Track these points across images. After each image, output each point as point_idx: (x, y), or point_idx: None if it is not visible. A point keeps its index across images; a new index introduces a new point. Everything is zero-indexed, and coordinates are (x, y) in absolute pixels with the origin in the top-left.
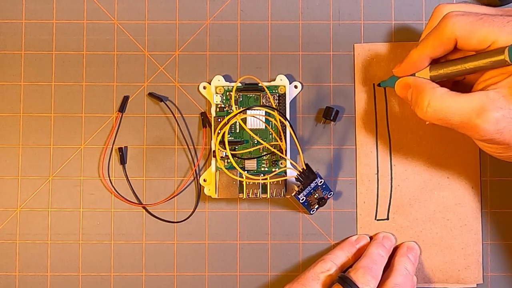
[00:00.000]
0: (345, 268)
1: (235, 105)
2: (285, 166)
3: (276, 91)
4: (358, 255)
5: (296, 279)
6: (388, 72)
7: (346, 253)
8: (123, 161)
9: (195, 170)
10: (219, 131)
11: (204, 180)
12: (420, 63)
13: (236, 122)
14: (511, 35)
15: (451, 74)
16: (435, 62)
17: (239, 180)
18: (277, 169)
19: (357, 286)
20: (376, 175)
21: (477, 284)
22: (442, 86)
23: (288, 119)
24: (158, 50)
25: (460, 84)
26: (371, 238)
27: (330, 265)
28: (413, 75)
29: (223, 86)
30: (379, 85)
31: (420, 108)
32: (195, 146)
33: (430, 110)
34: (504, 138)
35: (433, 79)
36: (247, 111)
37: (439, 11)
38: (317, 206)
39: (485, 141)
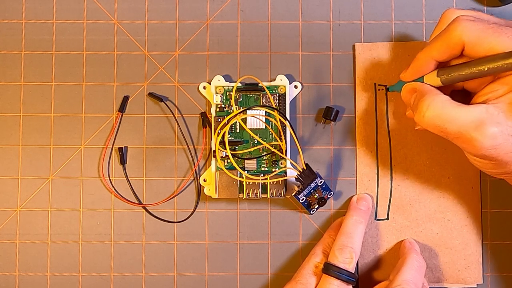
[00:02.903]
0: None
1: (235, 105)
2: (285, 166)
3: (276, 91)
4: None
5: (294, 278)
6: (388, 72)
7: (334, 237)
8: (123, 161)
9: (195, 170)
10: (219, 131)
11: (204, 180)
12: (426, 66)
13: (236, 122)
14: None
15: (459, 77)
16: (443, 67)
17: (239, 180)
18: (277, 169)
19: (338, 268)
20: (376, 175)
21: (477, 284)
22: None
23: (288, 119)
24: (158, 50)
25: (458, 95)
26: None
27: (321, 257)
28: (421, 81)
29: (223, 86)
30: (387, 90)
31: (419, 111)
32: (195, 146)
33: (428, 115)
34: (498, 155)
35: (441, 82)
36: (247, 111)
37: (448, 15)
38: (317, 206)
39: (478, 156)
